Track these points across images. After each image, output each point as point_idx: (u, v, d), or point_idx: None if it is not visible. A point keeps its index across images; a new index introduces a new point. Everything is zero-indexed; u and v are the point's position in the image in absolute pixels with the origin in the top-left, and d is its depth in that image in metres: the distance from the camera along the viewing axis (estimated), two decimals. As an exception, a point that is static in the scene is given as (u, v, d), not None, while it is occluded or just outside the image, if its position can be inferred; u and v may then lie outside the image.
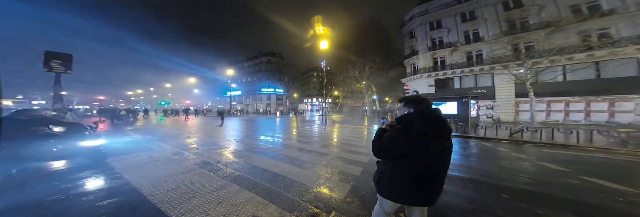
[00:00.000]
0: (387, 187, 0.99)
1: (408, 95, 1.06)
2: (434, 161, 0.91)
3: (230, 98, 25.26)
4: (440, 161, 0.92)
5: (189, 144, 4.97)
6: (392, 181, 0.97)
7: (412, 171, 0.92)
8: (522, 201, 1.91)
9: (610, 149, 4.26)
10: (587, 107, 9.90)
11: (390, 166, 1.00)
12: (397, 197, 0.98)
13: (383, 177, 1.01)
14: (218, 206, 1.70)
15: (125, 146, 4.44)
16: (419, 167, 0.91)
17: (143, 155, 3.48)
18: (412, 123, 0.93)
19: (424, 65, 15.90)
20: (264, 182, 2.32)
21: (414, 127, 0.92)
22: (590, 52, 9.49)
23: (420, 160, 0.91)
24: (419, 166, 0.91)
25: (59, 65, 5.38)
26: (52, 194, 1.94)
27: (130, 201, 1.82)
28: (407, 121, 0.96)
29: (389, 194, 0.99)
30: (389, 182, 0.99)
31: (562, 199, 1.99)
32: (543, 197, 2.02)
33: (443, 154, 0.93)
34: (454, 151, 4.25)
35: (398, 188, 0.96)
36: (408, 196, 0.96)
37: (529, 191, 2.20)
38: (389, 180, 0.98)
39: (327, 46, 10.24)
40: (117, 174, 2.50)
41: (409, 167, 0.93)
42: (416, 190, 0.93)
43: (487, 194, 2.11)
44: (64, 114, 3.17)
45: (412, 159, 0.91)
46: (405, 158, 0.93)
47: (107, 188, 2.13)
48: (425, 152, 0.90)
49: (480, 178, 2.61)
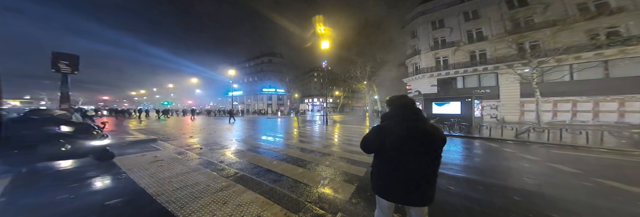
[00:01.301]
0: (374, 181, 1.04)
1: (392, 96, 1.11)
2: (407, 159, 0.93)
3: (232, 98, 25.46)
4: (413, 160, 0.93)
5: (191, 144, 5.01)
6: (377, 176, 1.02)
7: (389, 167, 0.97)
8: (535, 204, 1.86)
9: (623, 150, 4.14)
10: (596, 107, 9.67)
11: (375, 162, 1.04)
12: (383, 193, 1.00)
13: (372, 172, 1.06)
14: (224, 206, 1.70)
15: (130, 145, 4.50)
16: (392, 164, 0.96)
17: (148, 155, 3.52)
18: (384, 121, 1.03)
19: (426, 65, 15.78)
20: (268, 182, 2.31)
21: (385, 125, 1.01)
22: (599, 50, 9.28)
23: (390, 157, 0.96)
24: (392, 162, 0.96)
25: (66, 66, 5.48)
26: (62, 193, 1.96)
27: (138, 200, 1.83)
28: (383, 118, 1.06)
29: (376, 189, 1.03)
30: (375, 177, 1.04)
31: (576, 202, 1.93)
32: (556, 200, 1.96)
33: (415, 153, 0.93)
34: (458, 152, 4.20)
35: (381, 182, 1.00)
36: (393, 192, 0.98)
37: (540, 193, 2.14)
38: (375, 175, 1.04)
39: (328, 46, 10.23)
40: (124, 174, 2.52)
41: (385, 162, 0.98)
42: (397, 186, 0.95)
43: (498, 196, 2.06)
44: (71, 114, 3.22)
45: (385, 155, 0.98)
46: (382, 153, 0.99)
47: (114, 187, 2.15)
48: (394, 149, 0.94)
49: (489, 180, 2.55)
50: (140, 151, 3.84)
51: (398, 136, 0.94)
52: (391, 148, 0.94)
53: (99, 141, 3.00)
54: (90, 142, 2.89)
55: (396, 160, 0.94)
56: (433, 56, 15.52)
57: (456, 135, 6.49)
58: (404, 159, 0.93)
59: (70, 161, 2.96)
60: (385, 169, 0.98)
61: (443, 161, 3.04)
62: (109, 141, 3.24)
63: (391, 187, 0.97)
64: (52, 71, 5.43)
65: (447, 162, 3.37)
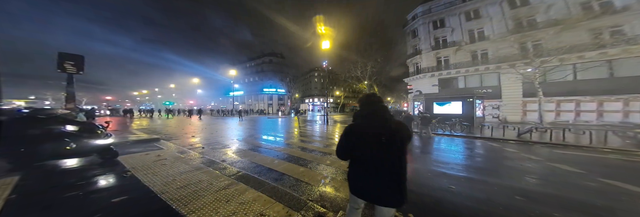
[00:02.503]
0: (351, 182, 1.07)
1: (362, 96, 1.16)
2: (377, 154, 0.97)
3: (233, 98, 25.54)
4: (383, 156, 0.96)
5: (193, 143, 5.05)
6: (352, 176, 1.06)
7: (363, 166, 1.01)
8: (537, 203, 1.86)
9: (627, 150, 4.10)
10: (600, 107, 9.55)
11: (350, 162, 1.08)
12: (359, 192, 1.04)
13: (348, 173, 1.10)
14: (226, 204, 1.72)
15: (134, 144, 4.55)
16: (365, 162, 1.00)
17: (151, 154, 3.56)
18: (356, 120, 1.08)
19: (427, 64, 15.71)
20: (269, 181, 2.33)
21: (356, 123, 1.06)
22: (603, 50, 9.17)
23: (363, 154, 1.00)
24: (364, 160, 1.00)
25: (72, 66, 5.56)
26: (69, 191, 2.00)
27: (142, 198, 1.86)
28: (354, 118, 1.11)
29: (353, 189, 1.06)
30: (351, 178, 1.07)
31: (579, 201, 1.93)
32: (558, 199, 1.96)
33: (384, 149, 0.96)
34: (460, 152, 4.18)
35: (357, 182, 1.04)
36: (360, 189, 1.02)
37: (543, 192, 2.14)
38: (351, 175, 1.07)
39: (328, 46, 10.23)
40: (128, 172, 2.55)
41: (358, 161, 1.03)
42: (371, 185, 0.98)
43: (500, 195, 2.06)
44: (76, 113, 3.27)
45: (358, 153, 1.02)
46: (356, 152, 1.03)
47: (119, 185, 2.18)
48: (365, 146, 0.98)
49: (490, 179, 2.54)
50: (144, 150, 3.88)
51: (368, 133, 0.99)
52: (363, 145, 0.99)
53: (103, 140, 3.05)
54: (94, 141, 2.94)
55: (368, 157, 0.98)
56: (434, 56, 15.45)
57: (457, 135, 6.46)
58: (375, 155, 0.97)
59: (75, 160, 3.01)
60: (359, 169, 1.02)
61: (444, 161, 2.99)
62: (113, 140, 3.29)
63: (365, 187, 1.00)
64: (58, 71, 5.50)
65: (448, 161, 3.36)
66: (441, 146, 4.81)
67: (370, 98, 1.08)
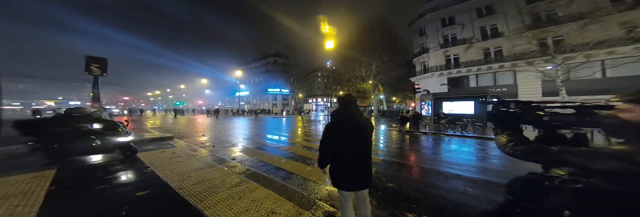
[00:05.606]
0: (335, 177, 1.18)
1: (339, 95, 1.28)
2: (356, 146, 1.15)
3: (239, 98, 26.21)
4: (360, 147, 1.16)
5: (204, 141, 5.26)
6: (337, 171, 1.17)
7: (346, 159, 1.14)
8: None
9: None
10: (632, 107, 8.73)
11: (332, 161, 1.19)
12: (345, 185, 1.16)
13: (331, 170, 1.21)
14: (239, 201, 1.78)
15: (149, 142, 4.82)
16: (348, 155, 1.14)
17: (167, 151, 3.76)
18: (335, 117, 1.21)
19: (435, 63, 15.19)
20: (278, 179, 2.38)
21: (336, 120, 1.19)
22: (638, 44, 8.35)
23: (348, 147, 1.13)
24: (348, 153, 1.14)
25: (97, 68, 6.00)
26: (98, 184, 2.17)
27: (163, 193, 1.98)
28: (333, 115, 1.24)
29: (338, 183, 1.17)
30: (335, 173, 1.17)
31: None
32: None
33: (360, 141, 1.16)
34: (473, 153, 4.04)
35: (342, 176, 1.16)
36: (352, 182, 1.16)
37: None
38: (335, 170, 1.17)
39: (332, 46, 10.19)
40: (148, 168, 2.72)
41: (343, 154, 1.14)
42: (354, 175, 1.15)
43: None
44: (100, 112, 3.53)
45: (343, 147, 1.14)
46: (339, 147, 1.15)
47: (141, 180, 2.33)
48: (347, 140, 1.13)
49: (507, 182, 2.42)
50: (159, 148, 4.09)
51: (349, 127, 1.14)
52: (345, 139, 1.13)
53: (124, 137, 3.26)
54: (116, 139, 3.15)
55: (350, 150, 1.13)
56: (443, 54, 14.91)
57: (470, 135, 6.20)
58: (355, 148, 1.14)
59: (100, 155, 3.25)
60: (342, 163, 1.15)
61: (458, 162, 2.90)
62: (132, 137, 3.51)
63: (350, 178, 1.14)
64: (85, 73, 5.96)
65: (462, 163, 3.26)
66: (452, 147, 4.66)
67: (349, 98, 1.23)
